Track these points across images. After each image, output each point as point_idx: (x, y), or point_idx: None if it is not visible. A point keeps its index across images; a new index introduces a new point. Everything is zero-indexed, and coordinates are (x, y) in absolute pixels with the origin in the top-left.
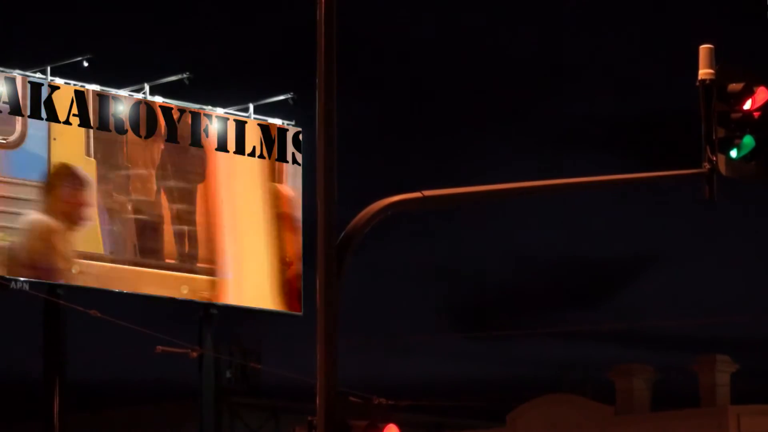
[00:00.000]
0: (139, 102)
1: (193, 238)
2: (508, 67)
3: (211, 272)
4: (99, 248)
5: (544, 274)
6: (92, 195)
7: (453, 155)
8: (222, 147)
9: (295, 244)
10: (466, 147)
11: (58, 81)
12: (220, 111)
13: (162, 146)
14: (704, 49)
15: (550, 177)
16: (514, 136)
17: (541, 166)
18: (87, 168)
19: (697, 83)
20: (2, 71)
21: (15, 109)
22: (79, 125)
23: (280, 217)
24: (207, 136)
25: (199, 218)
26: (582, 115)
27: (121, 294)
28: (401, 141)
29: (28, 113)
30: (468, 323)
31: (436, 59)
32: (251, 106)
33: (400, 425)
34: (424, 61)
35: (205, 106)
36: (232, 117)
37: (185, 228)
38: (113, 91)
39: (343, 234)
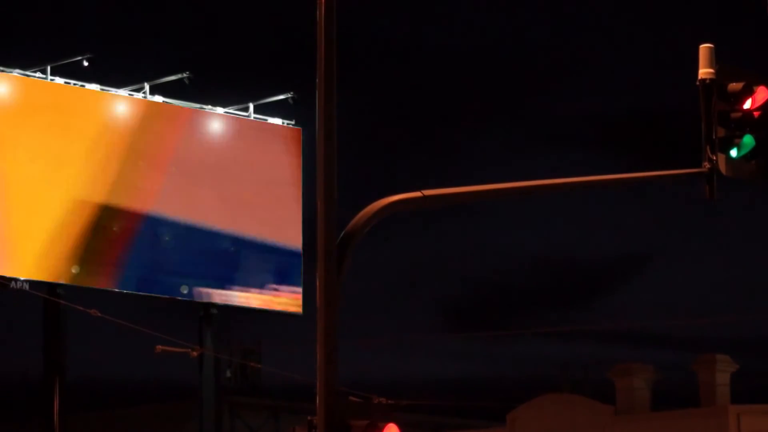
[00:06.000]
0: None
1: None
2: (506, 67)
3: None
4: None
5: (543, 274)
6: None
7: (452, 155)
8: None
9: None
10: (464, 147)
11: (58, 81)
12: (220, 110)
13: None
14: (704, 48)
15: (549, 176)
16: (512, 135)
17: (539, 165)
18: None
19: (697, 83)
20: (2, 71)
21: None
22: (79, 125)
23: None
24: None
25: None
26: (580, 115)
27: (121, 294)
28: (401, 141)
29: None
30: (468, 323)
31: (435, 59)
32: (251, 106)
33: (400, 425)
34: (423, 60)
35: (205, 106)
36: (232, 116)
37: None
38: (113, 90)
39: (343, 234)
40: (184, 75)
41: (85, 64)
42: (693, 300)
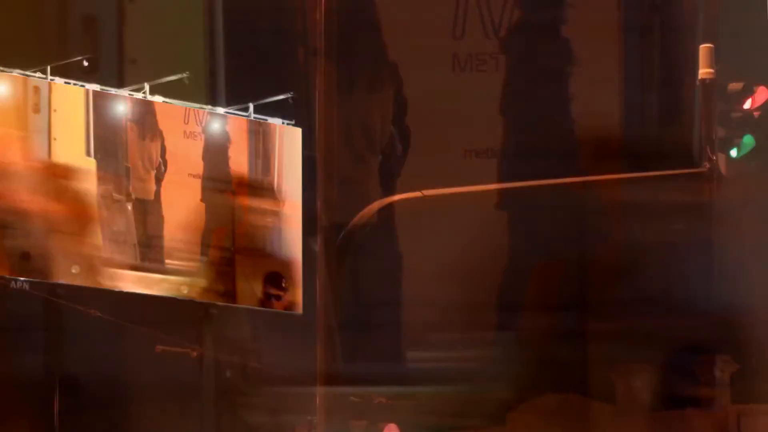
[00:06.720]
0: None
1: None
2: None
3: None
4: (99, 251)
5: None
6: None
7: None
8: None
9: None
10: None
11: (58, 81)
12: (220, 111)
13: (161, 146)
14: (704, 48)
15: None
16: None
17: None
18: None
19: (697, 83)
20: (2, 71)
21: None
22: (79, 125)
23: None
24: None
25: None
26: None
27: (121, 294)
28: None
29: (28, 113)
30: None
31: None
32: (251, 106)
33: (400, 425)
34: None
35: (205, 106)
36: (231, 116)
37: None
38: (113, 90)
39: (343, 234)
40: (184, 75)
41: (85, 64)
42: (693, 300)
